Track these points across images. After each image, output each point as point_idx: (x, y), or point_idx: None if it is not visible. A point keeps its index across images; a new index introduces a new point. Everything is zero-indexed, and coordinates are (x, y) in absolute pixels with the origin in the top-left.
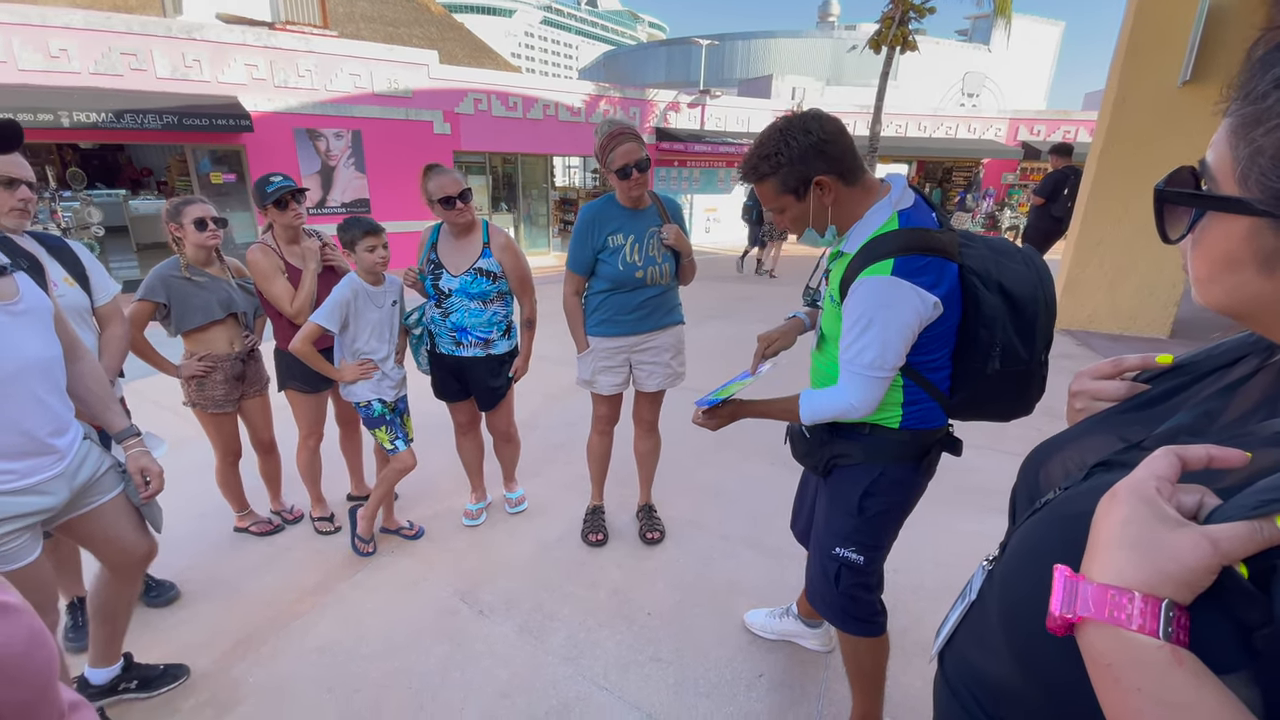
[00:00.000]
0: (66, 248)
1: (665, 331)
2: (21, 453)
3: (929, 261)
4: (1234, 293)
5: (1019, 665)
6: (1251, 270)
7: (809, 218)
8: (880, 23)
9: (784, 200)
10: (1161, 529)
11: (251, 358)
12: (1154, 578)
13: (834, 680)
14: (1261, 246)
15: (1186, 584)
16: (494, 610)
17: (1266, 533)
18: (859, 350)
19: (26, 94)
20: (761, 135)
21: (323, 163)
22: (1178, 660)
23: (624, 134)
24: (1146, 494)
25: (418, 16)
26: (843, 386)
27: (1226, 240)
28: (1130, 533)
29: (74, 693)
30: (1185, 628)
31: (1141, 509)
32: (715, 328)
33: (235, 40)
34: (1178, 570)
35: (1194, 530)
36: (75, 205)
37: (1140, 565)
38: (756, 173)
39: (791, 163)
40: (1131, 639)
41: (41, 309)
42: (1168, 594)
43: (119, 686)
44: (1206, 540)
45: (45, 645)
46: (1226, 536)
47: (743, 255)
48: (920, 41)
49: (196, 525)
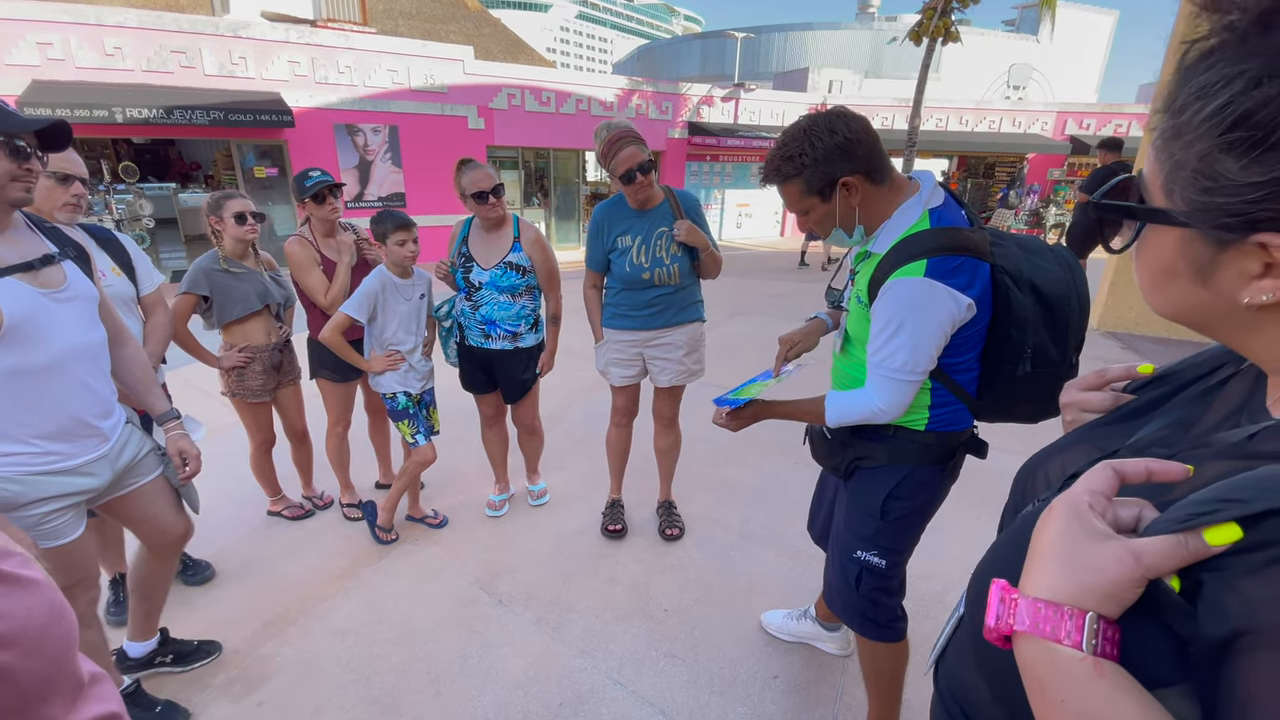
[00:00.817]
0: (114, 239)
1: (680, 329)
2: (68, 435)
3: (962, 262)
4: (1176, 302)
5: (985, 681)
6: (1187, 280)
7: (835, 219)
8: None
9: (809, 202)
10: (1087, 542)
11: (286, 348)
12: (1078, 591)
13: (850, 685)
14: (1194, 257)
15: (1110, 597)
16: (513, 600)
17: (1192, 546)
18: (889, 353)
19: (83, 91)
20: (784, 136)
21: (360, 157)
22: (1099, 672)
23: (624, 138)
24: (1077, 508)
25: (454, 12)
26: (871, 389)
27: (1162, 251)
28: (1058, 546)
29: (94, 665)
30: (1114, 641)
31: (1071, 523)
32: (741, 324)
33: (279, 38)
34: (1101, 583)
35: (1119, 544)
36: (128, 198)
37: (1066, 579)
38: (780, 174)
39: (816, 163)
40: (1056, 651)
41: (88, 296)
42: (1091, 607)
43: (155, 660)
44: (1130, 554)
45: (65, 618)
46: (1150, 550)
47: (803, 251)
48: (964, 32)
49: (232, 509)
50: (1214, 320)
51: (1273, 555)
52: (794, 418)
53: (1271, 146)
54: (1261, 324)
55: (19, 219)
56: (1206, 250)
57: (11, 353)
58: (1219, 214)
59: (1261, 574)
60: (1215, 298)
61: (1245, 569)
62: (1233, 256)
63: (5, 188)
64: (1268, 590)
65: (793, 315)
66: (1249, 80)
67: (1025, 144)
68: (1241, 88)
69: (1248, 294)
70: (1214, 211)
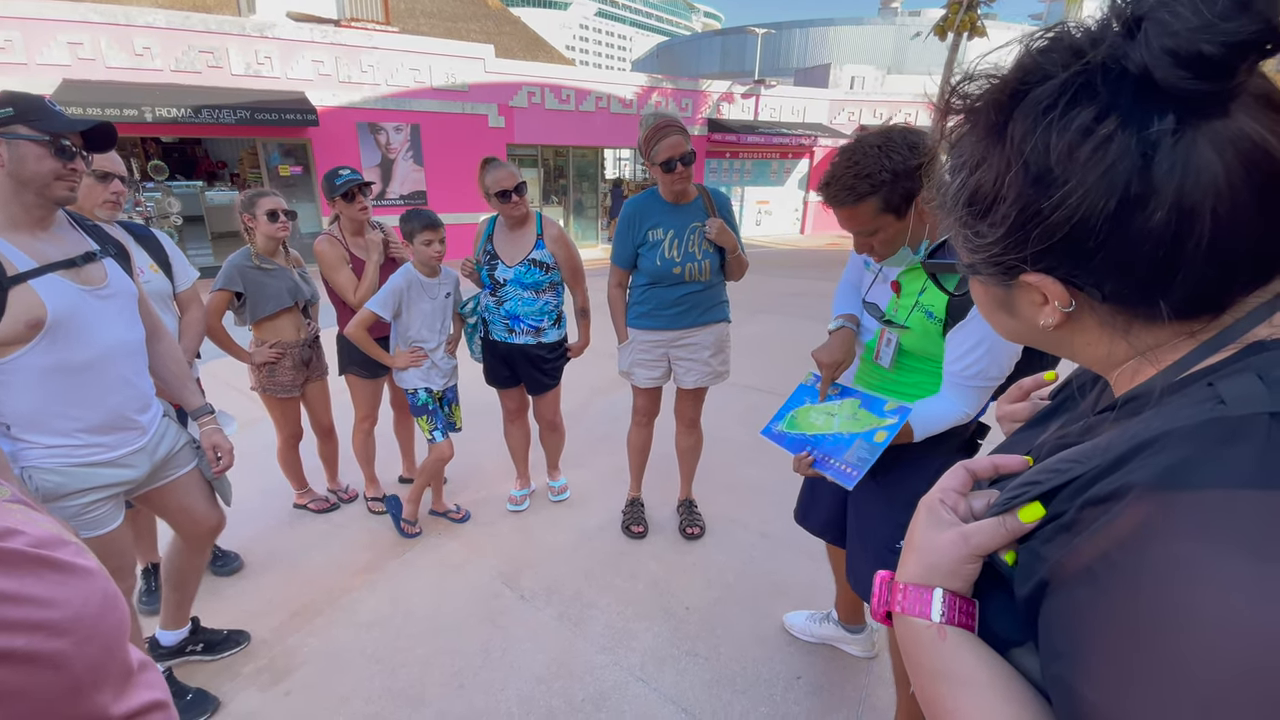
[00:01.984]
0: (152, 237)
1: (706, 329)
2: (109, 428)
3: None
4: (1006, 329)
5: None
6: (1001, 313)
7: (906, 237)
8: (947, 8)
9: (882, 220)
10: (933, 531)
11: (315, 344)
12: (927, 571)
13: (875, 686)
14: (995, 296)
15: (951, 574)
16: (535, 596)
17: (1009, 525)
18: (985, 366)
19: (114, 90)
20: (850, 156)
21: (383, 156)
22: (941, 635)
23: (669, 127)
24: (930, 503)
25: (475, 11)
26: (955, 398)
27: (976, 293)
28: (915, 537)
29: (142, 653)
30: (968, 612)
31: (926, 516)
32: (764, 323)
33: (304, 38)
34: (941, 563)
35: (954, 530)
36: (157, 196)
37: (918, 563)
38: (854, 193)
39: (896, 179)
40: (913, 623)
41: (127, 293)
42: (937, 583)
43: (186, 648)
44: (961, 537)
45: (118, 607)
46: (975, 531)
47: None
48: (990, 27)
49: (260, 501)
50: (1037, 340)
51: (1059, 524)
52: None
53: (992, 213)
54: (1064, 339)
55: (61, 217)
56: (1000, 290)
57: (55, 349)
58: (986, 264)
59: (1055, 540)
60: (1023, 324)
61: (1044, 538)
62: (1019, 293)
63: (50, 186)
64: (1054, 552)
65: (814, 314)
66: (972, 164)
67: None
68: (968, 171)
69: (1041, 319)
70: (984, 262)
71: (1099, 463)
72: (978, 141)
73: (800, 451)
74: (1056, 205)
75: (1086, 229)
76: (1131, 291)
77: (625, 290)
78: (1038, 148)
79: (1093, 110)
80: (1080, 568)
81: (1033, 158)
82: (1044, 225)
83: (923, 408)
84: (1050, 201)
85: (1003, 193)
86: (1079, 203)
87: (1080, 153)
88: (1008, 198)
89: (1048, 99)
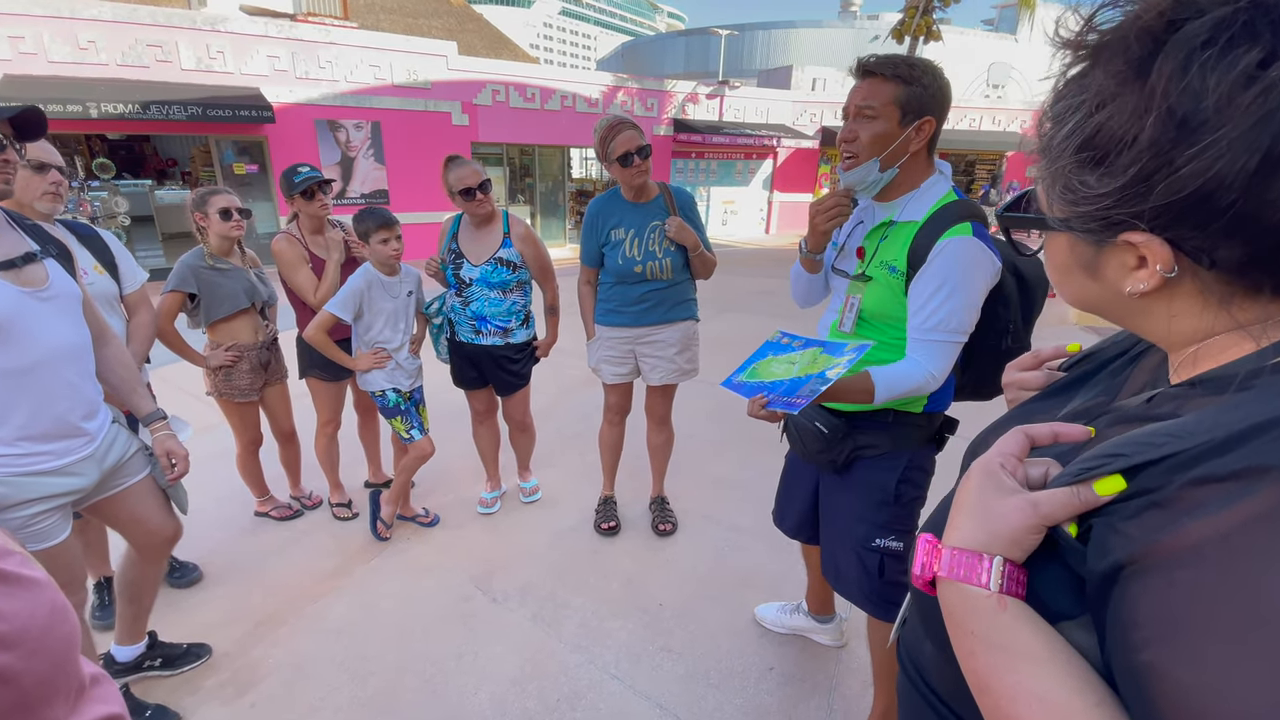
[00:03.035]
0: (97, 236)
1: (672, 326)
2: (54, 435)
3: (988, 232)
4: (1078, 294)
5: (924, 630)
6: (1080, 275)
7: (889, 146)
8: (904, 12)
9: (889, 111)
10: (995, 497)
11: (273, 346)
12: (987, 538)
13: (845, 675)
14: (1080, 255)
15: (1014, 542)
16: (508, 598)
17: (1083, 496)
18: (946, 315)
19: (57, 85)
20: (912, 60)
21: (343, 154)
22: (1001, 606)
23: (621, 123)
24: (990, 468)
25: (437, 8)
26: (921, 358)
27: (1058, 252)
28: (972, 501)
29: (95, 666)
30: (1020, 582)
31: (984, 481)
32: (732, 321)
33: (258, 32)
34: (1006, 530)
35: (1021, 496)
36: (103, 195)
37: (977, 528)
38: (893, 69)
39: (926, 88)
40: (967, 590)
41: (70, 295)
42: (998, 551)
43: (144, 664)
44: (1029, 505)
45: (67, 619)
46: (1047, 500)
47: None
48: (945, 31)
49: (219, 510)
50: (1110, 308)
51: (1149, 500)
52: (837, 399)
53: (1114, 159)
54: (1148, 308)
55: None
56: (1089, 249)
57: None
58: (1086, 219)
59: (1140, 517)
60: (1105, 289)
61: (1126, 514)
62: (1110, 253)
63: None
64: (1143, 530)
65: (781, 312)
66: (1091, 106)
67: (1004, 142)
68: (1086, 113)
69: (1129, 284)
70: (1083, 218)
71: (1204, 440)
72: (1107, 78)
73: (755, 395)
74: (1195, 156)
75: (1220, 186)
76: (1249, 261)
77: (594, 288)
78: (1191, 88)
79: (1258, 52)
80: (1184, 548)
81: (1181, 100)
82: (1172, 179)
83: (886, 368)
84: (1190, 152)
85: (1131, 138)
86: (1220, 156)
87: (1241, 99)
88: (1138, 144)
89: (1205, 34)
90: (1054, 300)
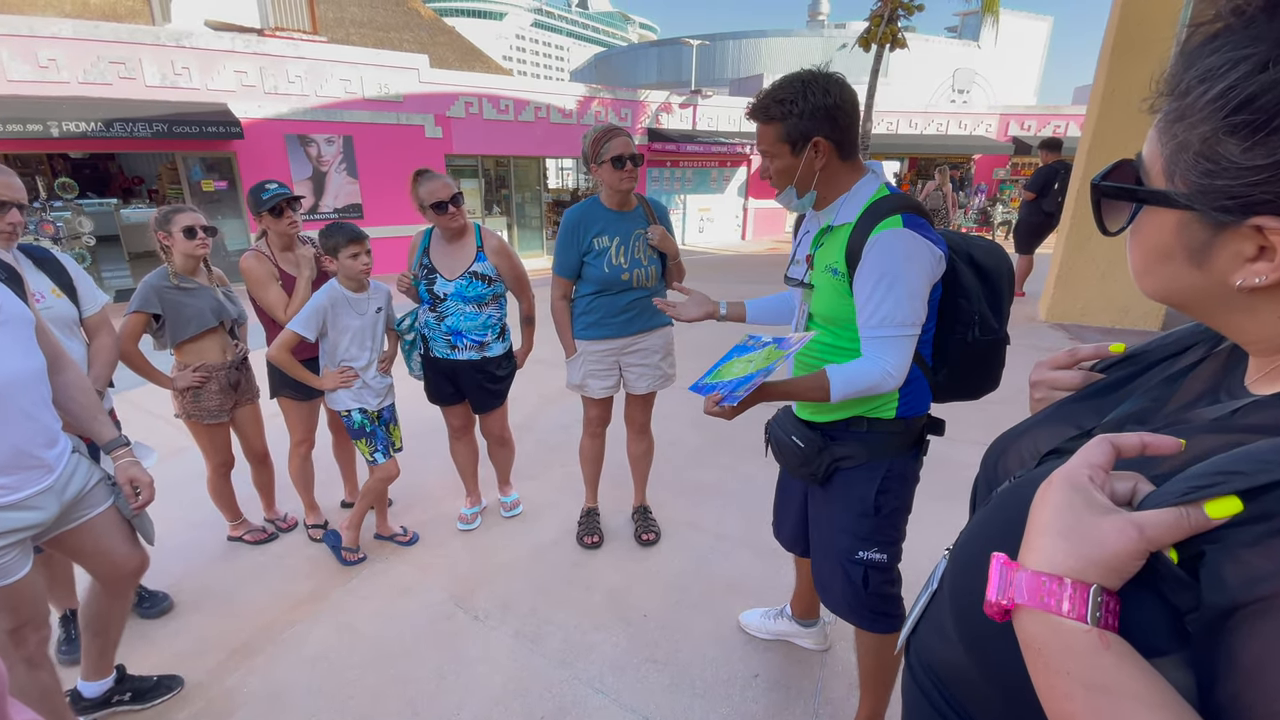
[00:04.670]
0: (53, 258)
1: (654, 333)
2: (10, 467)
3: (926, 222)
4: (1168, 283)
5: (970, 655)
6: (1182, 261)
7: (794, 176)
8: (869, 20)
9: (780, 149)
10: (1090, 516)
11: (243, 366)
12: (1082, 564)
13: (830, 679)
14: (1190, 239)
15: (1114, 569)
16: (489, 615)
17: (1193, 519)
18: (890, 309)
19: (16, 104)
20: (783, 80)
21: (314, 168)
22: (1104, 644)
23: (616, 129)
24: (1078, 481)
25: (408, 21)
26: (875, 355)
27: (1159, 233)
28: (1061, 520)
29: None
30: (1114, 612)
31: (1073, 496)
32: (708, 326)
33: (224, 47)
34: (1104, 556)
35: (1121, 517)
36: (66, 215)
37: (1069, 552)
38: (765, 113)
39: (801, 116)
40: (1060, 624)
41: (21, 320)
42: (1095, 579)
43: (113, 699)
44: (1133, 526)
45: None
46: (1152, 523)
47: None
48: (910, 39)
49: (190, 535)
50: (1204, 302)
51: (1274, 527)
52: (793, 398)
53: (1275, 130)
54: (1253, 305)
55: None
56: (1203, 233)
57: None
58: (1219, 196)
59: (1263, 545)
60: (1208, 280)
61: (1247, 540)
62: (1229, 239)
63: None
64: (1270, 561)
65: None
66: (1255, 64)
67: (971, 145)
68: (1247, 71)
69: (1241, 276)
70: (1214, 194)
71: None
72: (1268, 36)
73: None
74: None
75: None
76: None
77: (569, 302)
78: None
79: None
80: None
81: None
82: None
83: (841, 365)
84: None
85: None
86: None
87: None
88: None
89: None
90: (1021, 299)
